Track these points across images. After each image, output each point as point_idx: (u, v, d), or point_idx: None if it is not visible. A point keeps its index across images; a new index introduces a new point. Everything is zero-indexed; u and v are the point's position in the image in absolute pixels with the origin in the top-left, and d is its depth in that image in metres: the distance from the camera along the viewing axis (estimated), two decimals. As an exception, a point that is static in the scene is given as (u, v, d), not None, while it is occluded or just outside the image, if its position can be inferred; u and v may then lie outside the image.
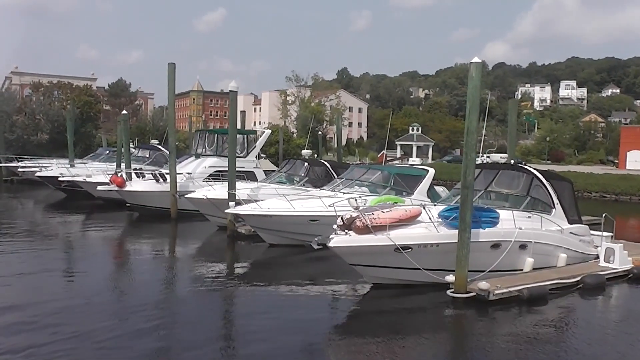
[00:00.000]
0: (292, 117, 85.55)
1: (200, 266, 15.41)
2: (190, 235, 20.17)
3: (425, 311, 11.40)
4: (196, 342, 8.95)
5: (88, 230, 21.49)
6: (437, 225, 12.00)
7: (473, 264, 11.64)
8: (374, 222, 11.54)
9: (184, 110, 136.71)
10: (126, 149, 26.58)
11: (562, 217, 14.52)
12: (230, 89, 18.25)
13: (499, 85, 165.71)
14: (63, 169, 30.25)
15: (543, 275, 12.79)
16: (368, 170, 19.64)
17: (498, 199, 14.30)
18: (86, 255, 16.67)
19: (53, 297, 11.29)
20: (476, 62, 11.36)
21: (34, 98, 67.47)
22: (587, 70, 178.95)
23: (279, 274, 14.58)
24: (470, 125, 11.40)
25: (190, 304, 11.40)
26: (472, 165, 11.53)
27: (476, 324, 10.79)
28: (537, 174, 14.50)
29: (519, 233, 12.79)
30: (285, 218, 16.21)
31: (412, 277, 12.03)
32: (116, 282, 13.24)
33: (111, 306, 10.97)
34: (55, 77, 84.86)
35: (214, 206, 18.91)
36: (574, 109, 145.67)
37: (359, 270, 12.32)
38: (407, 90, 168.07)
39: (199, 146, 26.87)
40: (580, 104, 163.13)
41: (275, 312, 10.94)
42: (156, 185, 23.42)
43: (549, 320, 11.01)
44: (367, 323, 10.58)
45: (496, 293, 11.28)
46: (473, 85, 11.34)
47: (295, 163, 23.19)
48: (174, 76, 21.47)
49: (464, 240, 11.27)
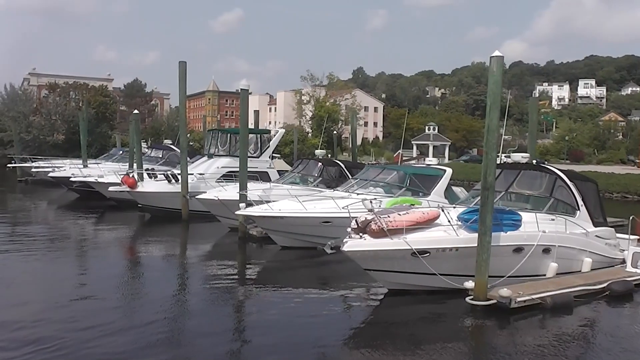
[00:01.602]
0: (307, 116, 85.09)
1: (209, 270, 14.99)
2: (201, 237, 19.78)
3: (442, 319, 10.81)
4: (205, 349, 8.68)
5: (98, 231, 21.20)
6: (456, 228, 11.43)
7: (494, 269, 11.06)
8: (389, 225, 11.00)
9: (200, 111, 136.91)
10: (138, 149, 26.26)
11: (587, 220, 13.88)
12: (241, 88, 17.81)
13: (516, 84, 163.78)
14: (75, 169, 30.06)
15: (567, 281, 12.16)
16: (383, 170, 19.10)
17: (519, 201, 13.70)
18: (95, 256, 16.38)
19: (59, 299, 11.18)
20: (497, 56, 10.71)
21: (50, 99, 67.90)
22: (606, 69, 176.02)
23: (290, 278, 14.13)
24: (491, 123, 10.78)
25: (199, 310, 10.98)
26: (492, 165, 10.93)
27: (497, 334, 10.20)
28: (561, 174, 13.86)
29: (542, 236, 12.18)
30: (297, 219, 15.71)
31: (430, 282, 11.48)
32: (124, 286, 12.86)
33: (120, 309, 10.78)
34: (72, 78, 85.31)
35: (225, 207, 18.48)
36: (592, 108, 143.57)
37: (374, 275, 11.81)
38: (423, 89, 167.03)
39: (211, 146, 26.41)
40: (599, 102, 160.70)
41: (287, 319, 10.49)
42: (168, 186, 23.06)
43: (574, 330, 10.40)
44: (382, 331, 10.07)
45: (518, 301, 10.68)
46: (494, 80, 10.70)
47: (309, 163, 22.65)
48: (185, 75, 21.09)
49: (485, 245, 10.69)
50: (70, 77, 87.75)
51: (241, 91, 17.93)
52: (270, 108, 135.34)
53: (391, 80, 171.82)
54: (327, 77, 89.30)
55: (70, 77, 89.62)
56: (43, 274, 13.63)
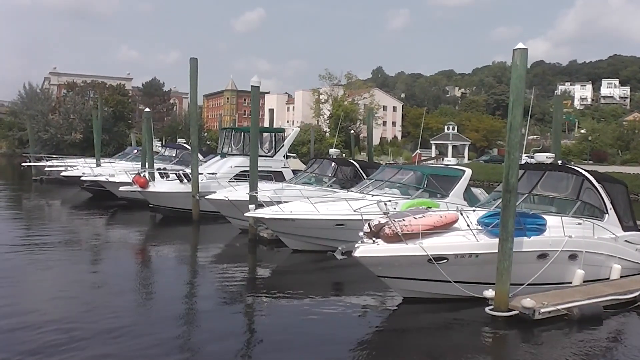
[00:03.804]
0: (325, 116, 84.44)
1: (219, 273, 14.39)
2: (211, 239, 19.26)
3: (460, 330, 10.08)
4: (215, 355, 8.50)
5: (109, 232, 20.82)
6: (476, 233, 10.70)
7: (516, 276, 10.31)
8: (405, 229, 10.29)
9: (218, 110, 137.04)
10: (149, 147, 25.77)
11: (616, 224, 13.03)
12: (251, 84, 17.18)
13: (538, 84, 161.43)
14: (87, 168, 29.70)
15: (595, 289, 11.35)
16: (399, 170, 18.34)
17: (543, 204, 12.89)
18: (105, 258, 15.98)
19: (69, 300, 11.06)
20: (521, 48, 9.97)
21: (68, 98, 68.17)
22: (631, 68, 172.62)
23: (301, 283, 13.49)
24: (514, 120, 10.02)
25: (208, 315, 10.53)
26: (515, 166, 10.15)
27: (519, 347, 9.45)
28: (588, 175, 13.00)
29: (568, 242, 11.39)
30: (309, 222, 15.03)
31: (448, 290, 10.76)
32: (133, 289, 12.41)
33: (130, 312, 10.52)
34: (91, 77, 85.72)
35: (235, 208, 17.89)
36: (616, 108, 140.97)
37: (388, 282, 11.11)
38: (443, 89, 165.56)
39: (224, 145, 25.82)
40: (623, 102, 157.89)
41: (296, 327, 9.93)
42: (180, 185, 22.55)
43: (603, 344, 9.62)
44: (396, 342, 9.42)
45: (542, 312, 9.90)
46: (517, 75, 9.92)
47: (322, 163, 21.85)
48: (196, 72, 20.60)
49: (506, 251, 9.93)
50: (89, 76, 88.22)
51: (252, 88, 17.32)
52: (289, 107, 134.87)
53: (411, 80, 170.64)
54: (346, 76, 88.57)
55: (89, 76, 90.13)
56: (53, 275, 13.20)
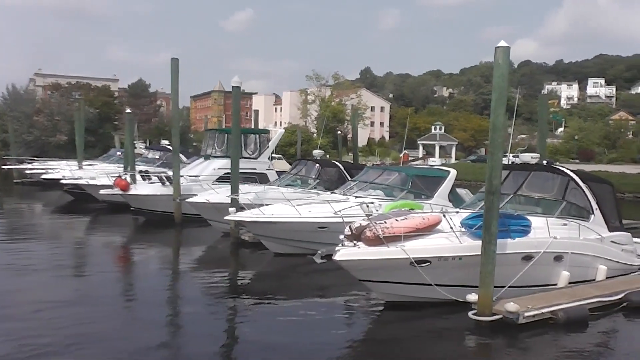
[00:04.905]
0: (312, 116, 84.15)
1: (200, 277, 14.04)
2: (193, 242, 18.92)
3: (443, 336, 9.80)
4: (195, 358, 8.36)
5: (90, 236, 20.43)
6: (459, 235, 10.45)
7: (501, 278, 10.06)
8: (386, 232, 10.01)
9: (207, 111, 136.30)
10: (131, 150, 25.36)
11: (602, 224, 12.81)
12: (232, 85, 16.86)
13: (525, 84, 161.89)
14: (68, 171, 29.12)
15: (581, 291, 11.13)
16: (384, 171, 18.09)
17: (529, 204, 12.65)
18: (85, 262, 15.70)
19: (48, 304, 10.73)
20: (503, 46, 9.69)
21: (52, 99, 67.36)
22: (617, 67, 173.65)
23: (283, 287, 13.16)
24: (497, 120, 9.77)
25: (189, 319, 10.35)
26: (498, 167, 9.89)
27: (503, 353, 9.21)
28: (574, 175, 12.79)
29: (553, 243, 11.17)
30: (290, 225, 14.74)
31: (431, 294, 10.49)
32: (112, 295, 11.99)
33: (109, 318, 10.18)
34: (77, 79, 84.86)
35: (216, 211, 17.53)
36: (602, 107, 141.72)
37: (370, 286, 10.84)
38: (431, 89, 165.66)
39: (208, 147, 25.46)
40: (609, 101, 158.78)
41: (278, 332, 9.68)
42: (162, 188, 22.15)
43: (590, 348, 9.38)
44: (377, 349, 9.16)
45: (527, 315, 9.65)
46: (500, 73, 9.66)
47: (306, 164, 21.52)
48: (177, 72, 20.20)
49: (489, 254, 9.67)
50: (75, 78, 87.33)
51: (233, 89, 16.99)
52: (276, 108, 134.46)
53: (399, 80, 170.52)
54: (333, 76, 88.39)
55: (75, 77, 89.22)
56: (32, 280, 12.83)
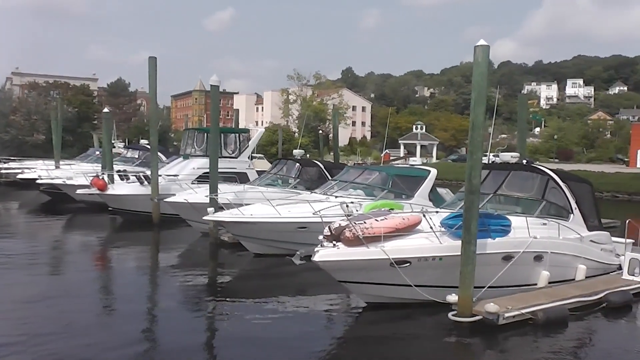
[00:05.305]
0: (294, 116, 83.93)
1: (179, 278, 13.80)
2: (171, 243, 18.65)
3: (423, 337, 9.71)
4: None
5: (67, 236, 20.16)
6: (439, 235, 10.37)
7: (481, 278, 10.01)
8: (366, 232, 9.91)
9: (187, 110, 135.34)
10: (108, 149, 24.98)
11: (581, 224, 12.84)
12: (210, 83, 16.64)
13: (505, 84, 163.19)
14: (44, 170, 28.60)
15: (561, 291, 11.12)
16: (364, 171, 17.99)
17: (509, 204, 12.64)
18: (62, 264, 15.44)
19: (23, 306, 10.66)
20: (482, 45, 9.61)
21: (30, 98, 66.29)
22: (594, 68, 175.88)
23: (263, 288, 13.02)
24: (476, 119, 9.68)
25: (168, 321, 10.26)
26: (478, 167, 9.82)
27: (483, 355, 9.17)
28: (553, 175, 12.78)
29: (533, 242, 11.15)
30: (270, 225, 14.57)
31: (411, 295, 10.39)
32: (90, 296, 11.87)
33: (86, 321, 9.99)
34: (55, 77, 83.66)
35: (195, 211, 17.29)
36: (581, 107, 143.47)
37: (350, 287, 10.71)
38: (412, 89, 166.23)
39: (187, 146, 25.20)
40: (587, 102, 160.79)
41: (257, 333, 9.57)
42: (140, 188, 21.84)
43: (569, 348, 9.36)
44: (357, 350, 9.09)
45: (507, 316, 9.58)
46: (479, 71, 9.58)
47: (287, 164, 21.35)
48: (155, 71, 19.93)
49: (469, 255, 9.60)
50: (53, 77, 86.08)
51: (211, 87, 16.77)
52: (258, 107, 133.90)
53: (380, 80, 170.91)
54: (314, 76, 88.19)
55: (53, 76, 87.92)
56: (7, 282, 12.61)
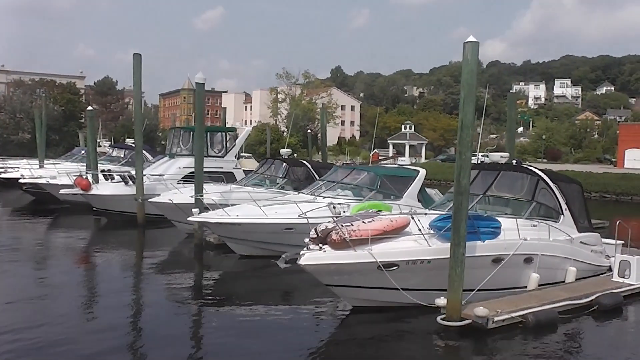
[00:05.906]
0: (282, 115, 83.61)
1: (164, 280, 13.63)
2: (156, 244, 18.36)
3: (411, 342, 9.49)
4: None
5: (50, 237, 19.74)
6: (428, 237, 10.15)
7: (470, 281, 9.80)
8: (353, 234, 9.67)
9: (176, 109, 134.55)
10: (92, 148, 24.57)
11: (572, 225, 12.68)
12: (195, 81, 16.33)
13: (493, 84, 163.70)
14: (27, 170, 28.10)
15: (551, 294, 10.95)
16: (352, 171, 17.74)
17: (498, 205, 12.43)
18: (44, 265, 15.04)
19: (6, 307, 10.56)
20: (471, 41, 9.37)
21: (15, 96, 65.45)
22: (582, 68, 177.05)
23: (249, 290, 12.72)
24: (465, 118, 9.45)
25: (152, 323, 10.13)
26: (467, 167, 9.58)
27: (472, 359, 8.93)
28: (543, 175, 12.60)
29: (523, 245, 10.97)
30: (256, 226, 14.30)
31: (400, 298, 10.15)
32: (72, 299, 11.52)
33: (68, 324, 9.77)
34: (41, 75, 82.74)
35: (180, 211, 16.96)
36: (569, 107, 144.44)
37: (336, 291, 10.45)
38: (401, 88, 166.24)
39: (173, 145, 24.85)
40: (575, 102, 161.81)
41: (243, 335, 9.39)
42: (125, 188, 21.45)
43: (559, 353, 9.17)
44: (343, 355, 8.88)
45: (496, 320, 9.39)
46: (468, 69, 9.35)
47: (273, 163, 21.02)
48: (139, 68, 19.54)
49: (458, 257, 9.37)
50: (39, 75, 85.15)
51: (196, 85, 16.44)
52: (247, 106, 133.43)
53: (370, 80, 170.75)
54: (303, 75, 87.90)
55: (39, 74, 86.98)
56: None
